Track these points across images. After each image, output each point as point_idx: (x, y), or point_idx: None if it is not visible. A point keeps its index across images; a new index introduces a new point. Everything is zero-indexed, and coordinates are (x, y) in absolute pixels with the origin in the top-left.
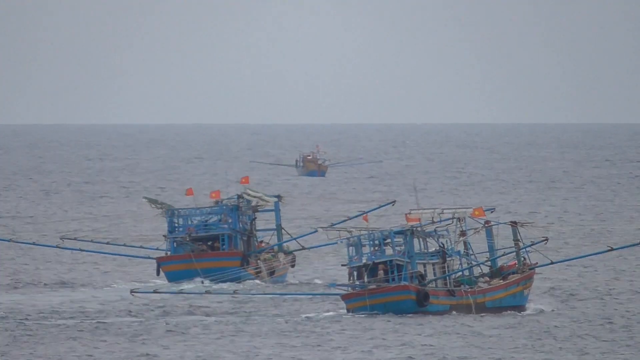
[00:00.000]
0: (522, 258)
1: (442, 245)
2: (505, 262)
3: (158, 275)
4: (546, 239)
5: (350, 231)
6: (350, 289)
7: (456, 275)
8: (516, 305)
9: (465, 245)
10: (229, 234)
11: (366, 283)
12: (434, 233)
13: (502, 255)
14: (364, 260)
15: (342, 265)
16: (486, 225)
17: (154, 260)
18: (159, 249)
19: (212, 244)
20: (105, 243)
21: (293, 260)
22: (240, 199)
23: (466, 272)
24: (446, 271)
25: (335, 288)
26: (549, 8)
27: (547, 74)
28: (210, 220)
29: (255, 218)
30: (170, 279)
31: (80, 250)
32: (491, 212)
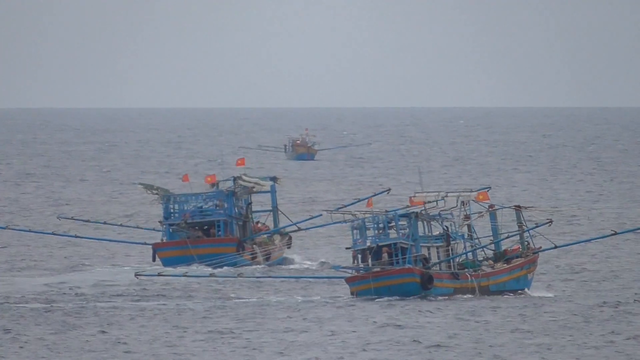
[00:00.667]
0: (526, 242)
1: (447, 228)
2: (509, 247)
3: (154, 261)
4: (550, 221)
5: (354, 214)
6: (354, 272)
7: (460, 258)
8: (520, 289)
9: (469, 228)
10: (224, 220)
11: (370, 266)
12: (438, 216)
13: (506, 238)
14: (368, 243)
15: (347, 248)
16: (490, 209)
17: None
18: (155, 229)
19: (208, 230)
20: (102, 223)
21: (289, 242)
22: (236, 180)
23: (470, 256)
24: (450, 254)
25: (340, 271)
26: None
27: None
28: (206, 206)
29: (251, 203)
30: (166, 265)
31: (76, 236)
32: (487, 191)
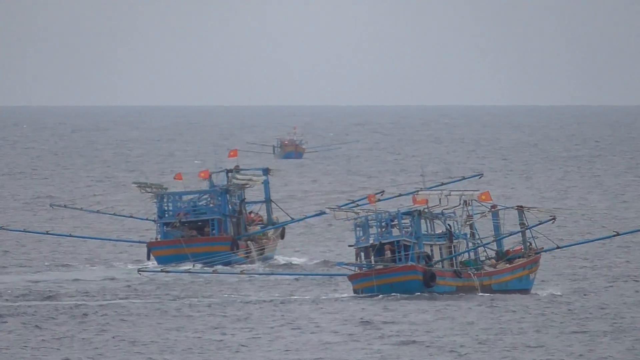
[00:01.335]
0: (528, 243)
1: (449, 226)
2: (511, 247)
3: (148, 259)
4: (554, 218)
5: (357, 212)
6: (357, 269)
7: (462, 257)
8: (522, 288)
9: (472, 228)
10: (218, 219)
11: (373, 263)
12: (441, 215)
13: (508, 236)
14: (371, 241)
15: (349, 245)
16: (492, 209)
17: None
18: (148, 219)
19: (202, 228)
20: (95, 212)
21: (282, 233)
22: (230, 174)
23: (472, 255)
24: (453, 252)
25: (342, 268)
26: None
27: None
28: (200, 203)
29: (245, 199)
30: (161, 264)
31: (70, 235)
32: (479, 178)
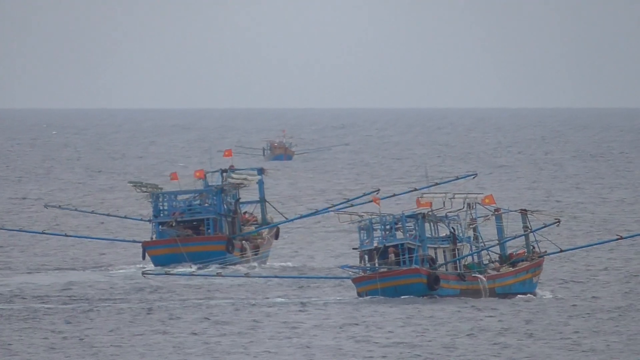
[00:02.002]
0: (531, 246)
1: (453, 230)
2: (514, 250)
3: (144, 259)
4: (558, 221)
5: (361, 215)
6: (361, 272)
7: (466, 260)
8: (525, 292)
9: (475, 231)
10: (214, 218)
11: (377, 266)
12: (445, 218)
13: (512, 239)
14: (375, 244)
15: (354, 248)
16: (496, 213)
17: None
18: (142, 219)
19: (197, 227)
20: (90, 212)
21: (277, 234)
22: (224, 174)
23: (475, 258)
24: (456, 256)
25: (346, 270)
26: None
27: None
28: (195, 203)
29: (240, 198)
30: (156, 264)
31: (65, 235)
32: (473, 178)
